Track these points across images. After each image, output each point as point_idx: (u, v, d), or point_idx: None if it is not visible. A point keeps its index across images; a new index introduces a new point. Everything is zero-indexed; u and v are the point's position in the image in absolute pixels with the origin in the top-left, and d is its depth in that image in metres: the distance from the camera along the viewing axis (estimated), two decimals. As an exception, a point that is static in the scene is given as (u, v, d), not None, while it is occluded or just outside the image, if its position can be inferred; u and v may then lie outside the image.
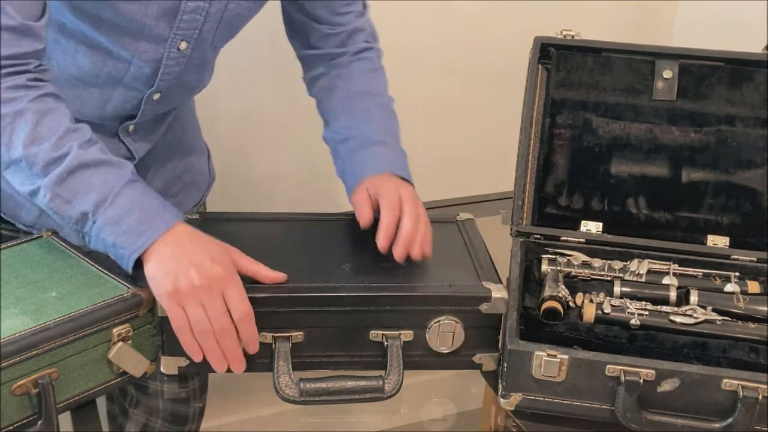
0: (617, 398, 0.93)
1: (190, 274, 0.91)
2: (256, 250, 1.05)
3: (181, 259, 0.93)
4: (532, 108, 1.22)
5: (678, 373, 0.92)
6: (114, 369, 0.95)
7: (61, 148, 0.95)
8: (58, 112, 0.97)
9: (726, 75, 1.20)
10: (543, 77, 1.23)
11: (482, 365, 1.01)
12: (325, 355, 0.99)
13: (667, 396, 0.93)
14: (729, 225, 1.20)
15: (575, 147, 1.22)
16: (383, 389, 0.94)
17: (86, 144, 0.97)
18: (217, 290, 0.92)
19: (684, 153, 1.21)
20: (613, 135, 1.21)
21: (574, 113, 1.22)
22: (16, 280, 0.97)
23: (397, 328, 0.98)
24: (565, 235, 1.18)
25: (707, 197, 1.20)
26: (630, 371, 0.93)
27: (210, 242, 0.96)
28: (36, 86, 0.97)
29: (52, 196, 0.95)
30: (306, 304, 0.96)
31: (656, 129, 1.21)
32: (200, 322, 0.92)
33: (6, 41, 0.94)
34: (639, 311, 1.04)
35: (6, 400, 0.87)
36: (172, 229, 0.95)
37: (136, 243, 0.94)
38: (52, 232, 1.07)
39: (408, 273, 1.02)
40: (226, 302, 0.92)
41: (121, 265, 0.96)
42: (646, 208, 1.21)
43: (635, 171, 1.21)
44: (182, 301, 0.92)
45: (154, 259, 0.93)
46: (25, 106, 0.95)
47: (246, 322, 0.93)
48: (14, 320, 0.90)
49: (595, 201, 1.21)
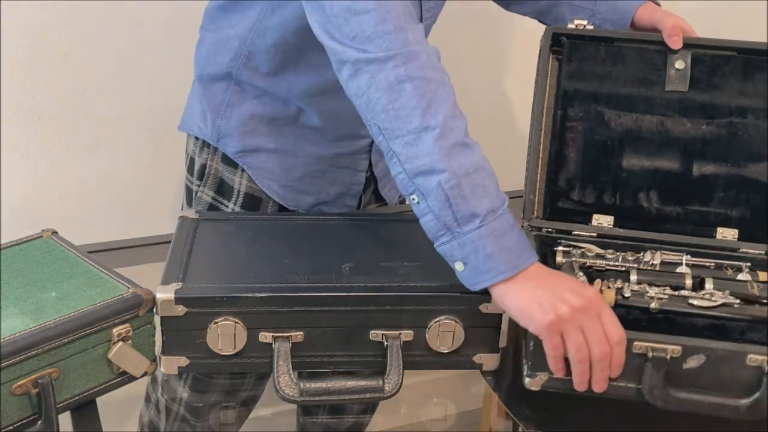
0: (644, 375, 0.94)
1: (567, 298, 0.90)
2: (256, 250, 1.06)
3: (553, 288, 0.92)
4: (543, 100, 1.21)
5: (704, 349, 0.93)
6: (114, 369, 0.95)
7: (468, 138, 0.96)
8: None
9: (739, 65, 1.19)
10: (554, 68, 1.22)
11: (482, 365, 1.01)
12: (325, 355, 0.99)
13: (693, 373, 0.94)
14: (738, 218, 1.20)
15: (587, 140, 1.22)
16: (383, 389, 0.94)
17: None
18: (595, 313, 0.91)
19: (695, 146, 1.20)
20: (625, 128, 1.21)
21: (585, 105, 1.22)
22: (16, 280, 0.97)
23: (397, 328, 0.98)
24: (577, 229, 1.18)
25: (718, 190, 1.20)
26: (657, 348, 0.93)
27: (562, 274, 0.97)
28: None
29: (454, 185, 0.93)
30: (306, 304, 0.96)
31: (668, 121, 1.21)
32: (581, 349, 0.90)
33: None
34: (658, 295, 1.05)
35: (6, 400, 0.87)
36: (536, 263, 0.95)
37: (515, 261, 0.93)
38: (52, 232, 1.07)
39: (408, 273, 1.02)
40: (602, 325, 0.91)
41: (474, 277, 0.94)
42: (658, 202, 1.21)
43: (647, 164, 1.21)
44: (562, 327, 0.90)
45: (517, 289, 0.93)
46: (445, 78, 0.97)
47: (621, 346, 0.92)
48: (14, 320, 0.90)
49: (607, 195, 1.21)
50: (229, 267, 1.03)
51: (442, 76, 0.97)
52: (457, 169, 0.93)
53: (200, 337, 0.96)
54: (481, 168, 0.95)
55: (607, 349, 0.91)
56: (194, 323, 0.96)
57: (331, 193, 1.28)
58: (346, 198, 1.30)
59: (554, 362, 0.92)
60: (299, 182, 1.25)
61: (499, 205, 0.95)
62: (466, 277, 0.95)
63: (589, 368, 0.92)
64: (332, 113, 1.19)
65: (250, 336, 0.96)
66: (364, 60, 0.96)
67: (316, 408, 1.18)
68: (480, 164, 0.95)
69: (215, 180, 1.25)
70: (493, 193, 0.95)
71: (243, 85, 1.20)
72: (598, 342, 0.90)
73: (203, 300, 0.95)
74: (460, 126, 0.96)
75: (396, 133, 0.95)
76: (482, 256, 0.93)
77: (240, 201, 1.25)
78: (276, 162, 1.23)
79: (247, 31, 1.16)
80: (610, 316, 0.92)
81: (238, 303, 0.95)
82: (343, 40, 0.97)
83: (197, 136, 1.27)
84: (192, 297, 0.95)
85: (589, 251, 1.13)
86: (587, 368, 0.92)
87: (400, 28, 0.96)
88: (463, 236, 0.93)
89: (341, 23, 0.97)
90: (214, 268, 1.02)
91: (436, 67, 0.97)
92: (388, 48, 0.95)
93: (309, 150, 1.23)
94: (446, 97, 0.96)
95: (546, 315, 0.90)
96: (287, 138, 1.22)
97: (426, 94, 0.95)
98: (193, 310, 0.95)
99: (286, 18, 1.12)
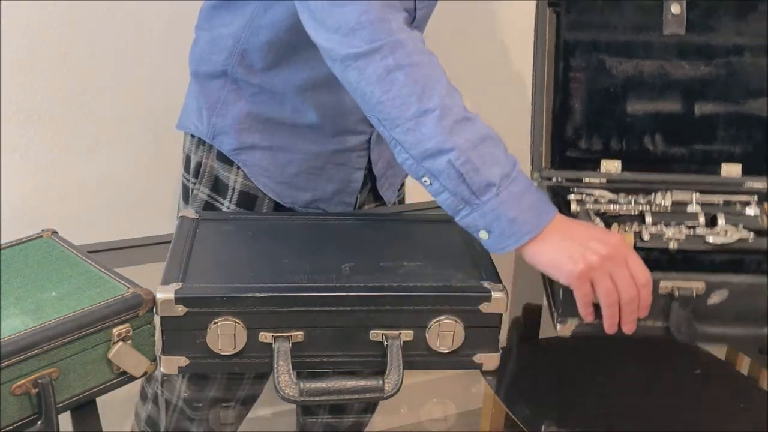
0: (671, 314, 0.97)
1: (594, 247, 0.93)
2: (256, 250, 1.06)
3: (579, 238, 0.94)
4: (543, 53, 1.23)
5: (727, 284, 0.97)
6: (114, 369, 0.95)
7: (467, 111, 0.96)
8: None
9: (732, 6, 1.22)
10: (552, 21, 1.24)
11: (482, 365, 1.01)
12: (325, 355, 0.99)
13: (717, 308, 0.97)
14: (741, 154, 1.23)
15: (590, 89, 1.24)
16: (383, 389, 0.94)
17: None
18: (622, 259, 0.94)
19: (696, 87, 1.23)
20: (626, 74, 1.24)
21: (586, 55, 1.24)
22: (16, 280, 0.97)
23: (397, 327, 0.98)
24: (586, 176, 1.20)
25: (720, 128, 1.23)
26: (682, 286, 0.96)
27: (584, 223, 0.99)
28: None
29: (465, 161, 0.94)
30: (306, 304, 0.96)
31: (667, 65, 1.24)
32: (610, 294, 0.93)
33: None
34: (675, 236, 1.08)
35: (6, 400, 0.87)
36: (557, 215, 0.97)
37: (537, 219, 0.95)
38: (52, 232, 1.07)
39: (408, 273, 1.02)
40: (629, 269, 0.94)
41: (500, 242, 0.96)
42: (663, 143, 1.24)
43: (650, 108, 1.24)
44: (592, 275, 0.93)
45: (546, 245, 0.95)
46: (434, 59, 0.97)
47: (648, 288, 0.95)
48: (14, 320, 0.90)
49: (613, 141, 1.24)
50: (229, 267, 1.03)
51: (431, 58, 0.97)
52: (463, 145, 0.94)
53: (200, 337, 0.96)
54: (487, 137, 0.96)
55: (635, 292, 0.94)
56: (194, 323, 0.96)
57: (328, 190, 1.28)
58: (344, 195, 1.30)
59: (585, 308, 0.95)
60: (296, 179, 1.25)
61: (512, 168, 0.96)
62: (493, 244, 0.97)
63: (618, 311, 0.94)
64: (328, 108, 1.20)
65: (250, 336, 0.96)
66: (352, 56, 0.96)
67: (317, 407, 1.18)
68: (484, 133, 0.96)
69: (210, 178, 1.25)
70: (503, 159, 0.96)
71: (239, 83, 1.20)
72: (627, 286, 0.93)
73: (203, 300, 0.95)
74: (458, 102, 0.96)
75: (396, 122, 0.96)
76: (505, 222, 0.95)
77: (235, 199, 1.25)
78: (272, 159, 1.23)
79: (241, 29, 1.16)
80: (636, 260, 0.95)
81: (238, 303, 0.95)
82: (329, 34, 0.98)
83: (193, 133, 1.27)
84: (192, 297, 0.95)
85: (601, 197, 1.15)
86: (617, 312, 0.95)
87: (383, 18, 0.96)
88: (484, 206, 0.95)
89: (325, 17, 0.98)
90: (214, 268, 1.02)
91: (423, 51, 0.97)
92: (372, 40, 0.95)
93: (305, 147, 1.24)
94: (438, 78, 0.96)
95: (576, 265, 0.93)
96: (283, 135, 1.22)
97: (418, 80, 0.95)
98: (193, 310, 0.95)
99: (278, 17, 1.12)
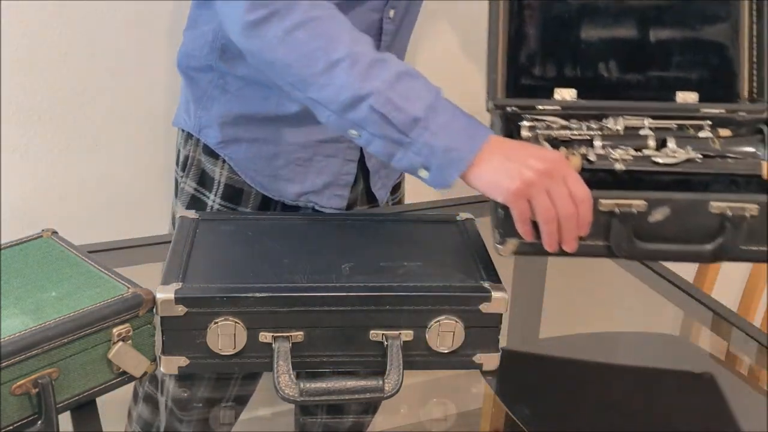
0: (612, 231, 0.96)
1: (532, 164, 0.92)
2: (256, 250, 1.06)
3: (517, 157, 0.93)
4: None
5: (668, 201, 0.96)
6: (114, 369, 0.95)
7: (379, 53, 0.95)
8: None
9: None
10: None
11: (482, 365, 1.01)
12: (325, 355, 0.99)
13: (659, 226, 0.97)
14: (698, 80, 1.21)
15: (544, 16, 1.22)
16: (383, 389, 0.94)
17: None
18: (559, 175, 0.93)
19: (651, 13, 1.21)
20: (580, 1, 1.22)
21: None
22: (16, 280, 0.97)
23: (397, 327, 0.98)
24: (540, 104, 1.18)
25: (675, 55, 1.21)
26: (622, 204, 0.96)
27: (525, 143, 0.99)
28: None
29: (384, 101, 0.93)
30: (306, 304, 0.96)
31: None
32: (548, 210, 0.93)
33: None
34: (622, 157, 1.07)
35: (6, 400, 0.87)
36: (492, 136, 0.96)
37: (472, 143, 0.94)
38: (52, 232, 1.07)
39: (408, 273, 1.02)
40: (567, 186, 0.93)
41: (441, 176, 0.95)
42: (617, 70, 1.22)
43: (605, 35, 1.22)
44: (529, 192, 0.92)
45: (486, 166, 0.94)
46: (334, 11, 0.96)
47: (586, 203, 0.94)
48: (14, 320, 0.90)
49: (567, 68, 1.22)
50: (229, 267, 1.03)
51: (329, 11, 0.96)
52: (380, 86, 0.93)
53: (200, 337, 0.96)
54: (403, 73, 0.95)
55: (573, 208, 0.93)
56: (194, 323, 0.96)
57: (319, 183, 1.27)
58: (336, 188, 1.29)
59: (522, 226, 0.94)
60: (283, 170, 1.25)
61: (435, 99, 0.95)
62: (435, 179, 0.95)
63: (559, 230, 0.94)
64: None
65: (250, 336, 0.97)
66: (251, 24, 0.96)
67: (316, 407, 1.18)
68: (400, 70, 0.95)
69: (197, 171, 1.26)
70: (425, 91, 0.95)
71: (226, 77, 1.21)
72: (564, 202, 0.93)
73: (203, 300, 0.95)
74: (367, 47, 0.95)
75: (308, 81, 0.95)
76: (440, 153, 0.94)
77: (220, 192, 1.25)
78: (257, 152, 1.23)
79: (219, 24, 1.17)
80: (575, 177, 0.94)
81: (238, 303, 0.95)
82: (227, 8, 0.97)
83: (183, 127, 1.28)
84: (192, 297, 0.95)
85: (553, 123, 1.13)
86: (554, 229, 0.94)
87: None
88: (415, 143, 0.94)
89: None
90: (214, 268, 1.02)
91: (320, 5, 0.96)
92: (266, 5, 0.95)
93: (290, 138, 1.23)
94: (341, 28, 0.95)
95: (513, 182, 0.92)
96: (268, 127, 1.22)
97: (321, 34, 0.94)
98: (193, 310, 0.95)
99: None
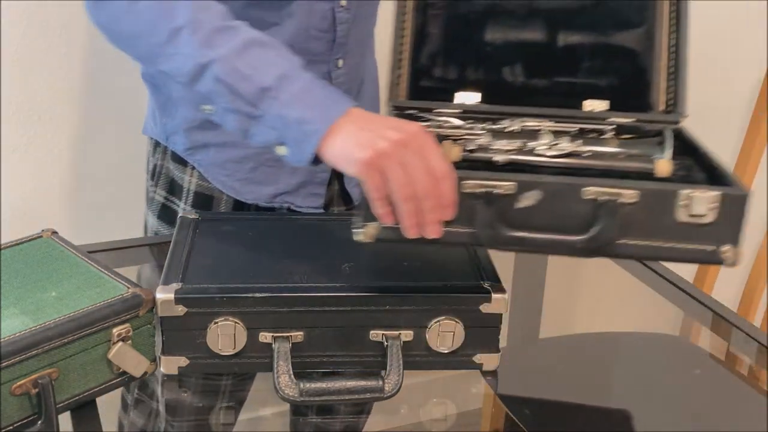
0: (476, 216, 0.89)
1: (387, 134, 0.85)
2: (256, 250, 1.06)
3: (373, 127, 0.86)
4: None
5: (539, 184, 0.88)
6: (114, 369, 0.95)
7: (229, 20, 0.90)
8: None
9: None
10: None
11: (482, 365, 1.01)
12: (325, 355, 0.99)
13: (528, 212, 0.89)
14: (608, 88, 1.14)
15: (450, 15, 1.15)
16: (383, 389, 0.94)
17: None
18: (416, 147, 0.85)
19: (560, 16, 1.15)
20: (487, 1, 1.15)
21: None
22: (16, 280, 0.97)
23: (397, 328, 0.98)
24: (440, 107, 1.11)
25: (585, 60, 1.15)
26: (488, 185, 0.88)
27: (389, 117, 0.91)
28: None
29: (229, 70, 0.87)
30: (306, 304, 0.96)
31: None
32: (403, 186, 0.84)
33: None
34: (504, 148, 1.00)
35: (6, 400, 0.87)
36: (353, 108, 0.89)
37: (327, 113, 0.87)
38: (52, 232, 1.07)
39: (408, 273, 1.02)
40: (427, 160, 0.85)
41: (299, 151, 0.89)
42: (523, 75, 1.16)
43: (511, 38, 1.16)
44: (382, 164, 0.84)
45: (343, 136, 0.86)
46: None
47: (446, 180, 0.86)
48: (14, 320, 0.90)
49: (470, 71, 1.16)
50: (229, 267, 1.03)
51: None
52: (225, 54, 0.88)
53: (200, 337, 0.96)
54: (254, 42, 0.90)
55: (431, 184, 0.85)
56: (194, 323, 0.96)
57: (293, 183, 1.24)
58: (311, 186, 1.25)
59: (378, 205, 0.86)
60: (254, 173, 1.21)
61: (290, 68, 0.90)
62: (294, 155, 0.89)
63: (420, 212, 0.86)
64: None
65: (250, 336, 0.97)
66: (91, 5, 0.93)
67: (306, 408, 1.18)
68: (250, 39, 0.90)
69: (167, 179, 1.23)
70: (279, 60, 0.90)
71: None
72: (422, 177, 0.84)
73: (203, 300, 0.95)
74: (214, 13, 0.90)
75: (154, 52, 0.90)
76: (294, 125, 0.88)
77: (190, 200, 1.22)
78: (226, 156, 1.20)
79: None
80: (435, 151, 0.86)
81: (238, 303, 0.95)
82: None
83: (150, 135, 1.26)
84: (192, 297, 0.95)
85: (445, 122, 1.07)
86: (413, 209, 0.85)
87: None
88: (266, 115, 0.88)
89: None
90: (214, 268, 1.02)
91: None
92: None
93: None
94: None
95: (364, 152, 0.84)
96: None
97: (162, 2, 0.89)
98: (193, 310, 0.95)
99: None
